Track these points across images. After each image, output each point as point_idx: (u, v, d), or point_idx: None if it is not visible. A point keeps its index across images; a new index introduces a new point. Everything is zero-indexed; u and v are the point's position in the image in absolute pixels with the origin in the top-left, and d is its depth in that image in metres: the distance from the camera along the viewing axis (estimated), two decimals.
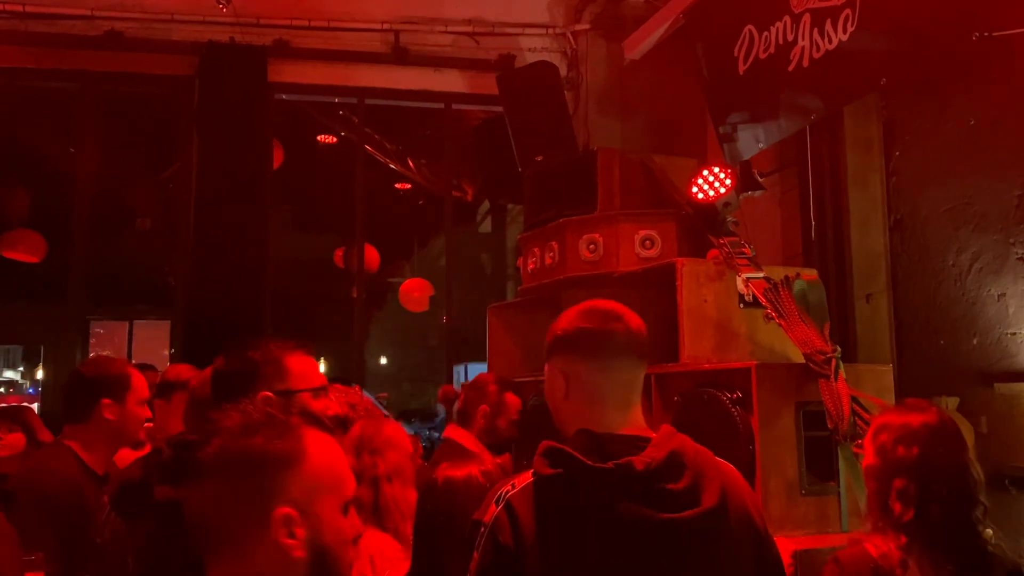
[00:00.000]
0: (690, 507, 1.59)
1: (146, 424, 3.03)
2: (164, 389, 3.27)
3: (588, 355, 1.76)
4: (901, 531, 2.08)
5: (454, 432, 3.88)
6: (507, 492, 1.68)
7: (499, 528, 1.62)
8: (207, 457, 1.24)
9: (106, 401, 2.80)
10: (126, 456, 3.23)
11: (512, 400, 3.98)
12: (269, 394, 1.87)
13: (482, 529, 1.65)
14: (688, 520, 1.58)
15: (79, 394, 2.83)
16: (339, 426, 3.21)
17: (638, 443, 1.69)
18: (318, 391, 1.97)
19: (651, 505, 1.58)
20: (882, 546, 2.08)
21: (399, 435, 2.95)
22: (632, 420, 1.78)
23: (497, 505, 1.66)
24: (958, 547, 2.05)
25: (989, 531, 2.13)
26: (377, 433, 2.88)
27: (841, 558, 2.13)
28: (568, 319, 1.81)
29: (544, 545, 1.59)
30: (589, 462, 1.60)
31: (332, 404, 3.36)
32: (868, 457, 2.23)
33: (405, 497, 2.68)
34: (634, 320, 1.82)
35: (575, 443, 1.65)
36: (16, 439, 2.59)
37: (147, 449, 3.14)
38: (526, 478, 1.68)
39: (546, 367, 1.84)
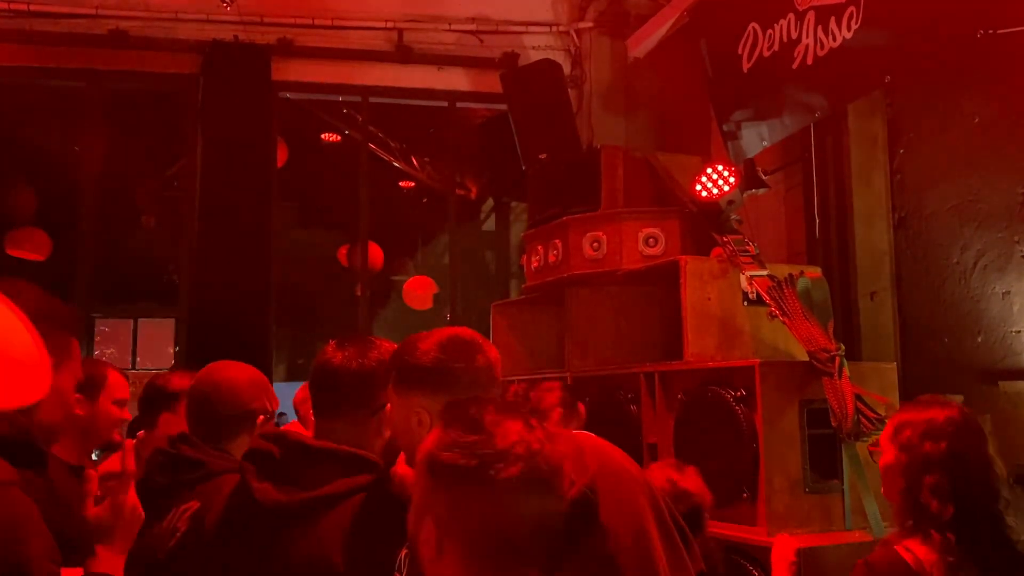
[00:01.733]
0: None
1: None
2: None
3: (463, 390, 1.65)
4: (946, 529, 2.03)
5: None
6: None
7: None
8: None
9: (78, 396, 2.88)
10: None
11: (582, 409, 4.00)
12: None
13: None
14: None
15: None
16: None
17: None
18: None
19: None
20: (916, 550, 2.03)
21: None
22: None
23: None
24: (994, 542, 2.02)
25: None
26: None
27: (872, 562, 2.08)
28: (431, 353, 1.70)
29: None
30: None
31: None
32: (888, 455, 2.19)
33: None
34: (492, 351, 1.76)
35: None
36: None
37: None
38: None
39: (396, 397, 1.73)
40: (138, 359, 7.12)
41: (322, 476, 1.75)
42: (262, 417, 2.36)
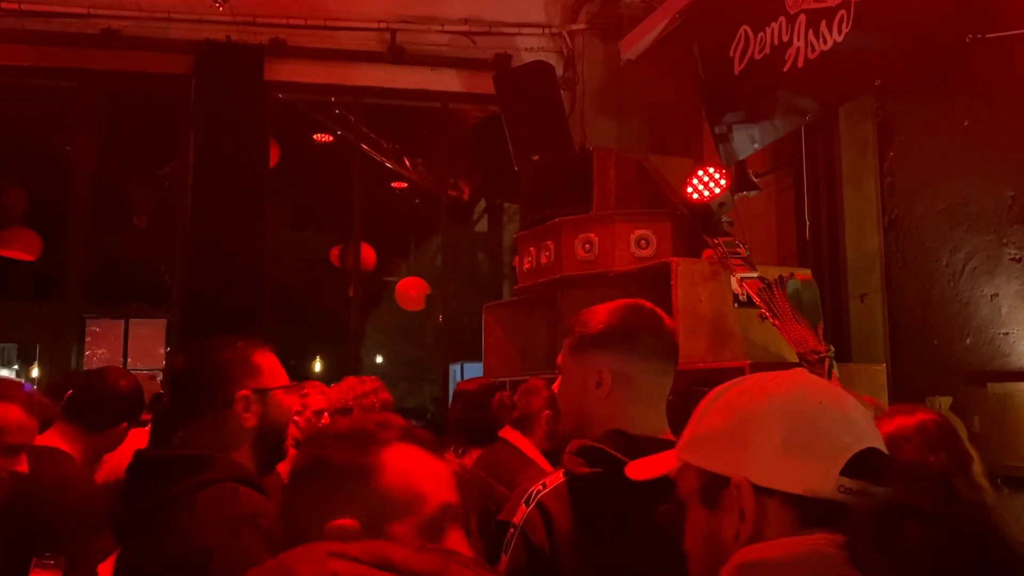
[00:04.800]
0: None
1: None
2: None
3: (646, 355, 1.68)
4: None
5: (511, 435, 3.75)
6: (538, 492, 1.61)
7: (531, 529, 1.56)
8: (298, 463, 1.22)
9: None
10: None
11: None
12: (248, 392, 1.89)
13: (511, 530, 1.59)
14: None
15: None
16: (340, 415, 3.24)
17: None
18: (289, 388, 2.00)
19: None
20: None
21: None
22: (664, 424, 1.71)
23: (527, 505, 1.59)
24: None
25: None
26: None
27: None
28: (616, 315, 1.70)
29: (582, 546, 1.53)
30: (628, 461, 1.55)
31: (316, 399, 3.37)
32: None
33: None
34: (670, 322, 1.77)
35: (610, 443, 1.59)
36: None
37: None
38: (557, 478, 1.62)
39: (573, 361, 1.72)
40: (129, 360, 7.11)
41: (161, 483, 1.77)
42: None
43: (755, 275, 3.60)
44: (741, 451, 1.12)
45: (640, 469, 1.33)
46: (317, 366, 15.11)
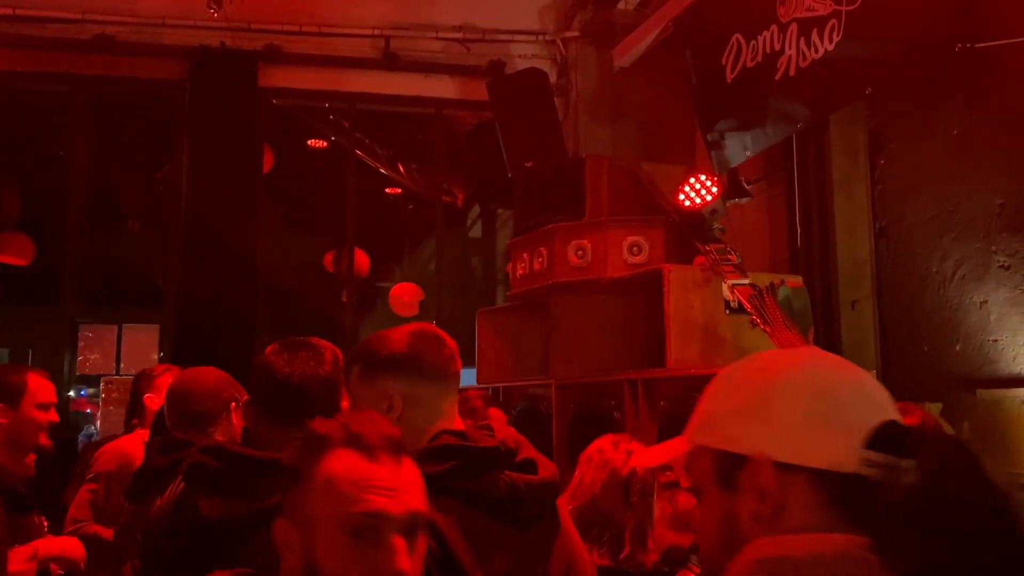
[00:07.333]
0: (536, 474, 1.76)
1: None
2: None
3: (430, 377, 1.81)
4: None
5: None
6: None
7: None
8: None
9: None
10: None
11: (496, 414, 4.00)
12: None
13: None
14: (544, 483, 1.76)
15: None
16: None
17: (482, 431, 1.80)
18: None
19: (523, 470, 1.75)
20: None
21: None
22: (457, 421, 1.88)
23: None
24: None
25: None
26: None
27: None
28: (401, 342, 1.82)
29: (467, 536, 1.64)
30: (479, 445, 1.70)
31: None
32: None
33: None
34: (453, 343, 1.91)
35: (447, 439, 1.73)
36: None
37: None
38: None
39: (363, 388, 1.82)
40: (122, 365, 7.10)
41: (269, 488, 1.72)
42: (233, 404, 2.57)
43: (746, 282, 3.63)
44: (761, 427, 1.08)
45: (649, 456, 1.37)
46: None
